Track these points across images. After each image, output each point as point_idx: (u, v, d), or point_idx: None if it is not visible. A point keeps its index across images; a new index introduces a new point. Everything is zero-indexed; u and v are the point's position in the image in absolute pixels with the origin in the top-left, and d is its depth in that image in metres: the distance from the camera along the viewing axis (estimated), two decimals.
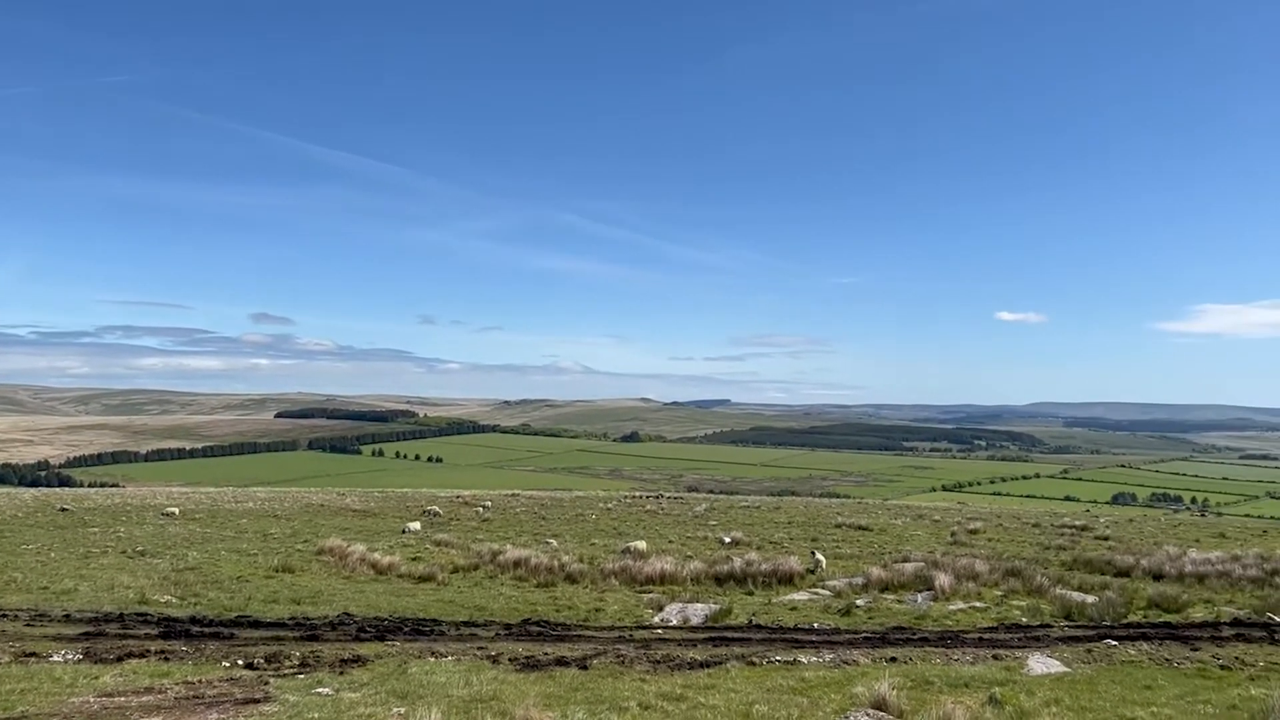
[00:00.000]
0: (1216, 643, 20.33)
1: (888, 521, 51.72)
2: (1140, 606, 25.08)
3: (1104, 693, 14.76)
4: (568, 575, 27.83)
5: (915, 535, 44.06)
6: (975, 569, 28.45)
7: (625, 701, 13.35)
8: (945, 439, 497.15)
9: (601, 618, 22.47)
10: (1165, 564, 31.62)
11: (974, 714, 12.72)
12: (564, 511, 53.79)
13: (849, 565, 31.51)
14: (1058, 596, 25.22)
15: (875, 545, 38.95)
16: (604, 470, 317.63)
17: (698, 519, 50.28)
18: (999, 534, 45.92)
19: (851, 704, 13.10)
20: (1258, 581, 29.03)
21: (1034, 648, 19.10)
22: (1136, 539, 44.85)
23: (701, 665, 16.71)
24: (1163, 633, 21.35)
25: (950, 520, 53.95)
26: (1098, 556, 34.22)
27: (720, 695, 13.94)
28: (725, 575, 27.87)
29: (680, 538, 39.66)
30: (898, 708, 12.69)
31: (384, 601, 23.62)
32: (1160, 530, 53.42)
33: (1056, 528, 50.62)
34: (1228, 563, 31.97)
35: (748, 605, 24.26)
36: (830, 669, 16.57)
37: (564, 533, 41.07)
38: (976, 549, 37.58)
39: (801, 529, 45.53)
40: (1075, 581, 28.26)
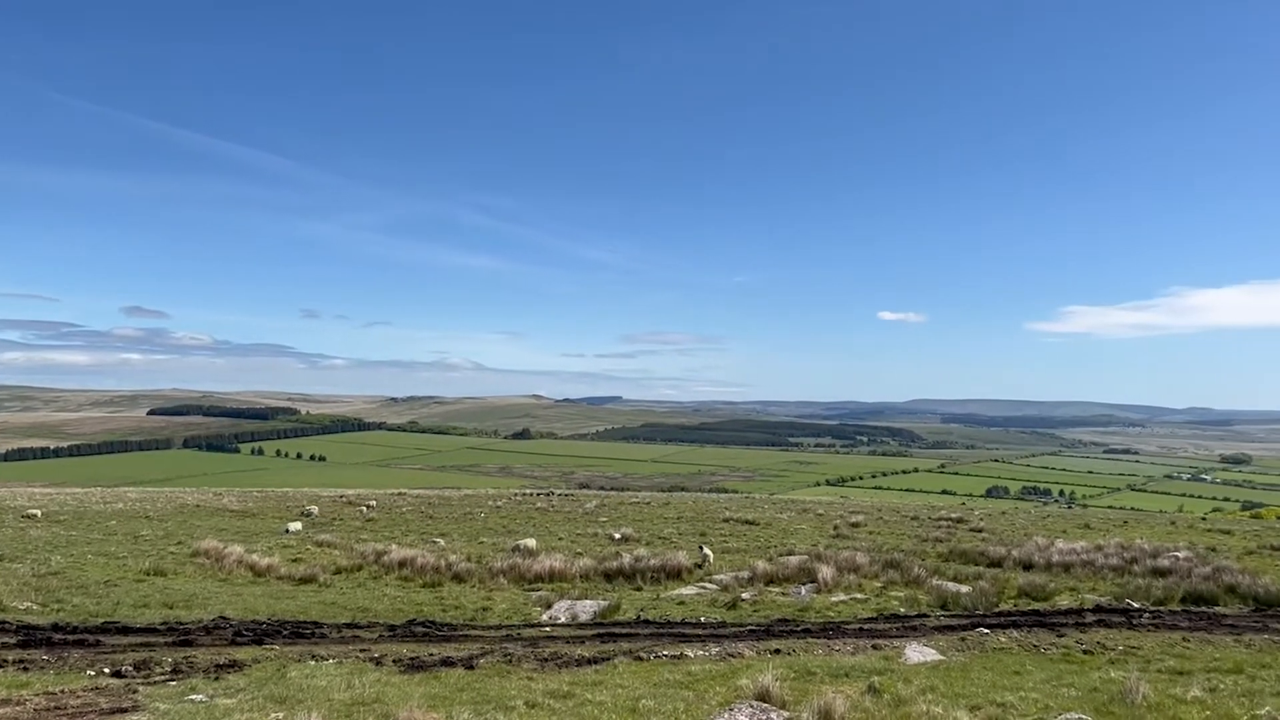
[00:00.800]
0: (1080, 629, 21.37)
1: (773, 516, 52.66)
2: (1011, 595, 26.19)
3: (976, 679, 15.35)
4: (455, 575, 27.48)
5: (800, 529, 44.98)
6: (856, 561, 29.23)
7: (512, 701, 13.26)
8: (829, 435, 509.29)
9: (489, 617, 22.28)
10: (1034, 554, 33.08)
11: (854, 703, 13.06)
12: (452, 510, 53.08)
13: (736, 559, 31.97)
14: (934, 587, 26.14)
15: (761, 539, 39.61)
16: (494, 468, 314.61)
17: (588, 516, 50.29)
18: (879, 527, 47.25)
19: (736, 696, 13.30)
20: (1118, 570, 30.64)
21: (911, 637, 19.73)
22: (1008, 531, 46.76)
23: (589, 662, 16.72)
24: (1031, 620, 22.35)
25: (833, 514, 55.27)
26: (972, 548, 35.55)
27: (608, 691, 13.97)
28: (615, 571, 27.96)
29: (570, 535, 39.61)
30: (780, 699, 12.95)
31: (263, 604, 22.90)
32: (1030, 522, 55.85)
33: (934, 520, 52.40)
34: (1091, 552, 33.64)
35: (636, 601, 24.39)
36: (716, 662, 16.78)
37: (452, 532, 40.54)
38: (858, 542, 38.60)
39: (690, 524, 45.98)
40: (951, 572, 29.34)
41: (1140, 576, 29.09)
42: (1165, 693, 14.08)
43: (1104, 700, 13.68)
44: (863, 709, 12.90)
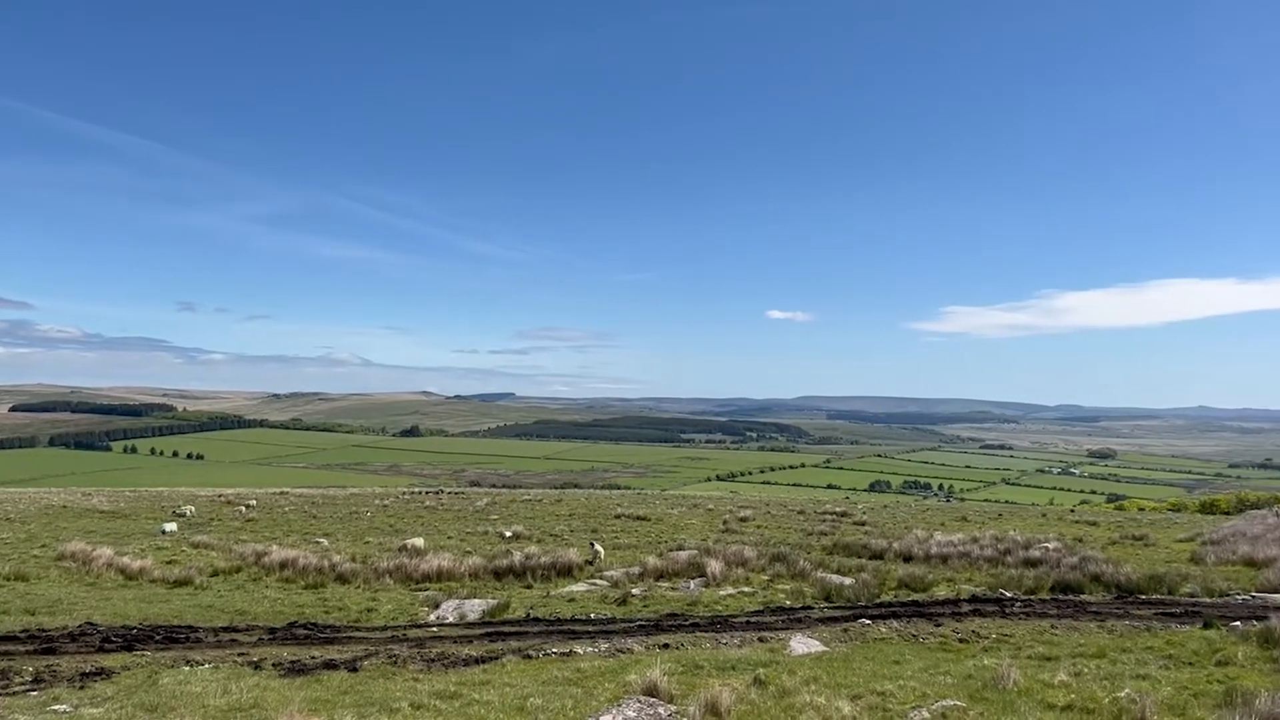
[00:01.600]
0: (957, 618, 22.16)
1: (665, 511, 53.06)
2: (892, 587, 26.98)
3: (858, 669, 15.76)
4: (339, 575, 26.84)
5: (690, 524, 45.43)
6: (744, 555, 29.66)
7: (397, 702, 13.03)
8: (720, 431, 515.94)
9: (374, 618, 21.82)
10: (914, 546, 34.17)
11: (740, 695, 13.24)
12: (337, 510, 51.84)
13: (627, 555, 32.10)
14: (819, 580, 26.73)
15: (652, 535, 39.86)
16: (381, 466, 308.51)
17: (478, 514, 49.78)
18: (767, 521, 48.08)
19: (625, 692, 13.35)
20: (993, 561, 31.89)
21: (797, 629, 20.14)
22: (890, 524, 48.18)
23: (477, 661, 16.55)
24: (911, 610, 23.07)
25: (723, 509, 56.01)
26: (855, 541, 36.50)
27: (495, 691, 13.85)
28: (505, 570, 27.73)
29: (460, 533, 39.14)
30: (668, 693, 13.05)
31: (134, 609, 21.93)
32: (911, 515, 57.67)
33: (819, 514, 53.59)
34: (968, 544, 34.92)
35: (526, 599, 24.24)
36: (605, 658, 16.82)
37: (336, 531, 39.60)
38: (746, 536, 39.21)
39: (582, 521, 45.97)
40: (835, 565, 30.05)
41: (1013, 567, 30.34)
42: (1034, 678, 14.70)
43: (978, 687, 14.20)
44: (748, 701, 13.09)
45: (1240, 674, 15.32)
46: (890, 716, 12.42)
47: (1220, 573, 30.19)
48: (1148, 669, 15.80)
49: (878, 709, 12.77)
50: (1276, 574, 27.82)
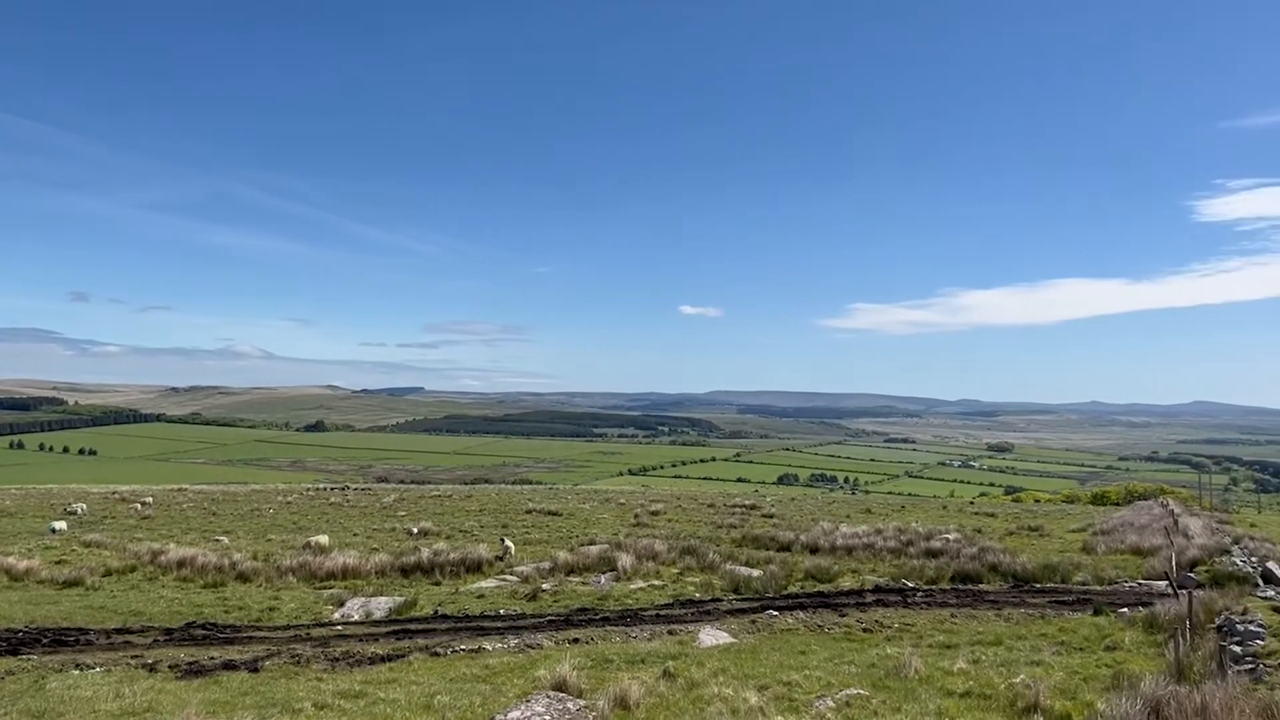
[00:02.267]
0: (861, 608, 22.65)
1: (577, 506, 53.03)
2: (799, 578, 27.43)
3: (765, 659, 15.98)
4: (240, 574, 26.11)
5: (602, 519, 45.48)
6: (655, 549, 29.82)
7: (299, 703, 12.72)
8: (633, 425, 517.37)
9: (277, 617, 21.28)
10: (821, 538, 34.81)
11: (649, 688, 13.29)
12: (238, 506, 50.46)
13: (538, 550, 31.95)
14: (728, 572, 27.02)
15: (564, 530, 39.78)
16: (285, 462, 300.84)
17: (386, 510, 49.01)
18: (678, 515, 48.44)
19: (533, 687, 13.28)
20: (896, 552, 32.69)
21: (706, 621, 20.33)
22: (797, 516, 48.99)
23: (383, 659, 16.29)
24: (817, 601, 23.50)
25: (634, 503, 56.24)
26: (764, 533, 37.02)
27: (402, 689, 13.64)
28: (412, 566, 27.34)
29: (366, 530, 38.46)
30: (577, 688, 13.02)
31: (20, 610, 20.98)
32: (818, 508, 58.74)
33: (729, 507, 54.23)
34: (872, 536, 35.73)
35: (434, 595, 23.94)
36: (514, 654, 16.72)
37: (237, 529, 38.53)
38: (657, 530, 39.42)
39: (493, 516, 45.63)
40: (744, 557, 30.42)
41: (915, 558, 31.16)
42: (935, 665, 15.09)
43: (881, 675, 14.52)
44: (657, 694, 13.15)
45: (1127, 658, 15.99)
46: (796, 706, 12.60)
47: (1110, 561, 31.48)
48: (1042, 655, 16.37)
49: (784, 699, 12.95)
50: (1161, 562, 29.10)
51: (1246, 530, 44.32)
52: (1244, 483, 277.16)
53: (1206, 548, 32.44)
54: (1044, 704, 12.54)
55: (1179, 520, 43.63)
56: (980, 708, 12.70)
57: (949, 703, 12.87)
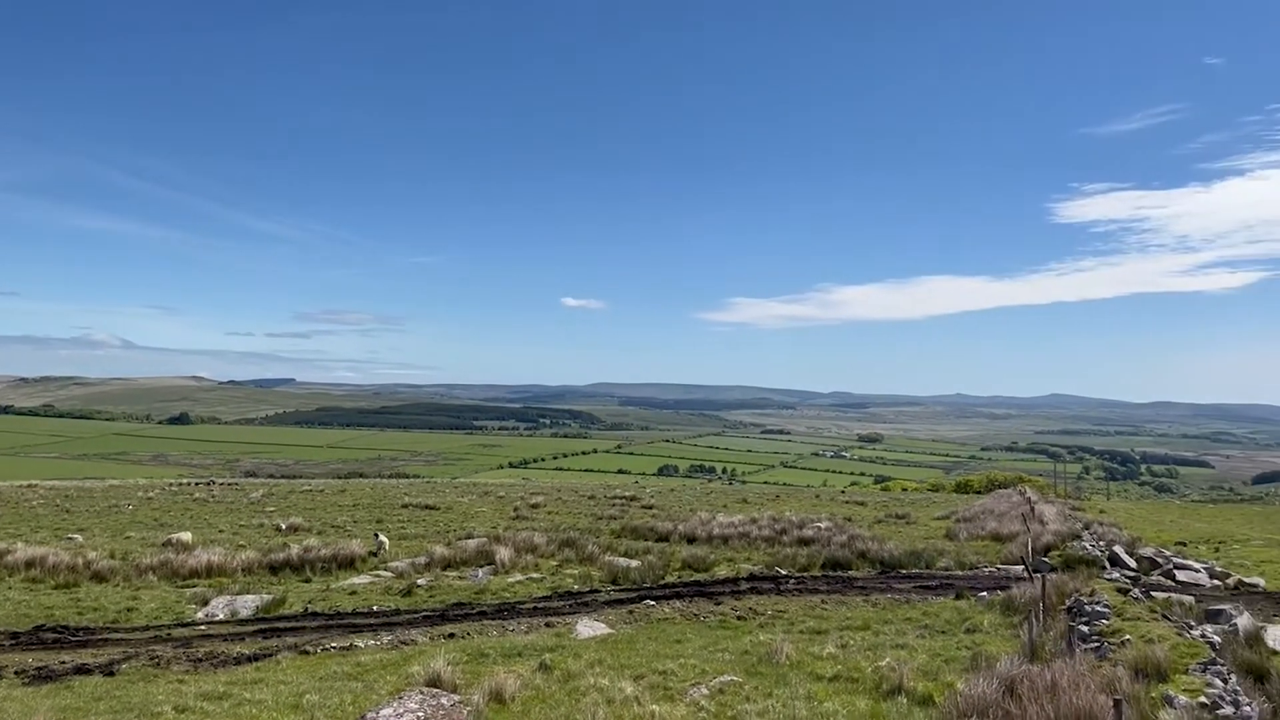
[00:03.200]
0: (736, 596, 23.08)
1: (455, 500, 52.39)
2: (676, 568, 27.75)
3: (641, 649, 16.13)
4: (95, 573, 24.80)
5: (481, 512, 45.05)
6: (534, 541, 29.71)
7: (159, 706, 12.22)
8: (513, 418, 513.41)
9: (135, 617, 20.32)
10: (698, 528, 35.29)
11: (525, 681, 13.25)
12: (94, 503, 48.00)
13: (414, 545, 31.43)
14: (607, 563, 27.14)
15: (441, 524, 39.24)
16: (147, 456, 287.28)
17: (254, 506, 47.40)
18: (559, 507, 48.38)
19: (407, 684, 13.07)
20: (770, 540, 33.41)
21: (583, 613, 20.37)
22: (676, 507, 49.56)
23: (250, 659, 15.77)
24: (693, 590, 23.83)
25: (514, 496, 55.92)
26: (643, 524, 37.31)
27: (269, 689, 13.23)
28: (281, 563, 26.50)
29: (233, 526, 37.12)
30: (452, 683, 12.88)
31: None
32: (696, 498, 59.56)
33: (609, 499, 54.46)
34: (748, 525, 36.41)
35: (305, 593, 23.27)
36: (388, 651, 16.42)
37: (93, 527, 36.63)
38: (537, 523, 39.29)
39: (367, 511, 44.67)
40: (623, 548, 30.59)
41: (789, 546, 31.91)
42: (805, 651, 15.51)
43: (754, 661, 14.84)
44: (534, 686, 13.13)
45: (986, 640, 16.76)
46: (671, 695, 12.76)
47: (972, 547, 32.92)
48: (906, 638, 17.01)
49: (659, 688, 13.09)
50: (1019, 547, 30.59)
51: (1096, 516, 46.98)
52: (1095, 471, 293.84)
53: (1060, 533, 34.27)
54: (908, 686, 13.03)
55: (1035, 507, 45.95)
56: (848, 691, 13.11)
57: (818, 687, 13.24)
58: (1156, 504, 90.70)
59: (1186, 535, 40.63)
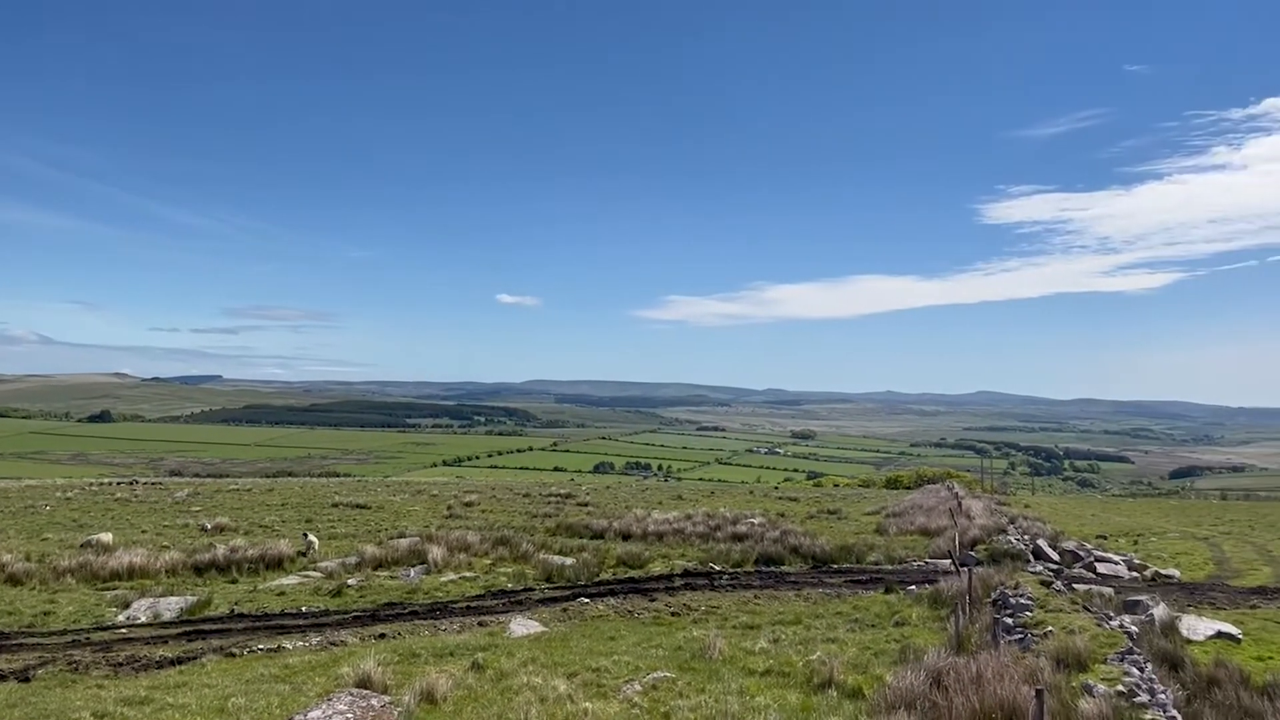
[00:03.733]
0: (670, 592, 23.17)
1: (387, 499, 51.72)
2: (611, 565, 27.77)
3: (575, 647, 16.09)
4: (10, 576, 23.97)
5: (413, 511, 44.55)
6: (468, 540, 29.47)
7: (77, 713, 11.86)
8: (448, 415, 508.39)
9: (52, 621, 19.69)
10: (633, 525, 35.34)
11: (457, 681, 13.14)
12: (10, 504, 46.38)
13: (344, 545, 30.97)
14: (541, 561, 27.03)
15: (373, 523, 38.71)
16: (65, 455, 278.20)
17: (179, 506, 46.24)
18: (493, 505, 48.04)
19: (336, 685, 12.87)
20: (704, 536, 33.61)
21: (517, 611, 20.28)
22: (612, 504, 49.57)
23: (173, 663, 15.41)
24: (627, 587, 23.87)
25: (448, 494, 55.39)
26: (578, 522, 37.24)
27: (193, 692, 12.93)
28: (207, 564, 25.90)
29: (156, 527, 36.16)
30: (382, 683, 12.71)
31: None
32: (632, 495, 59.66)
33: (544, 497, 54.23)
34: (682, 521, 36.58)
35: (231, 594, 22.78)
36: (317, 652, 16.16)
37: (8, 528, 35.39)
38: (471, 521, 38.97)
39: (296, 510, 43.86)
40: (557, 546, 30.51)
41: (722, 542, 32.14)
42: (738, 646, 15.64)
43: (687, 657, 14.91)
44: (466, 686, 13.02)
45: (914, 633, 17.06)
46: (604, 692, 12.76)
47: (901, 542, 33.49)
48: (837, 632, 17.25)
49: (592, 685, 13.08)
50: (946, 541, 31.19)
51: (1021, 511, 48.11)
52: (1021, 466, 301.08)
53: (986, 527, 35.03)
54: (838, 679, 13.21)
55: (963, 502, 46.92)
56: (779, 685, 13.24)
57: (750, 681, 13.35)
58: (1079, 498, 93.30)
59: (1107, 529, 41.86)
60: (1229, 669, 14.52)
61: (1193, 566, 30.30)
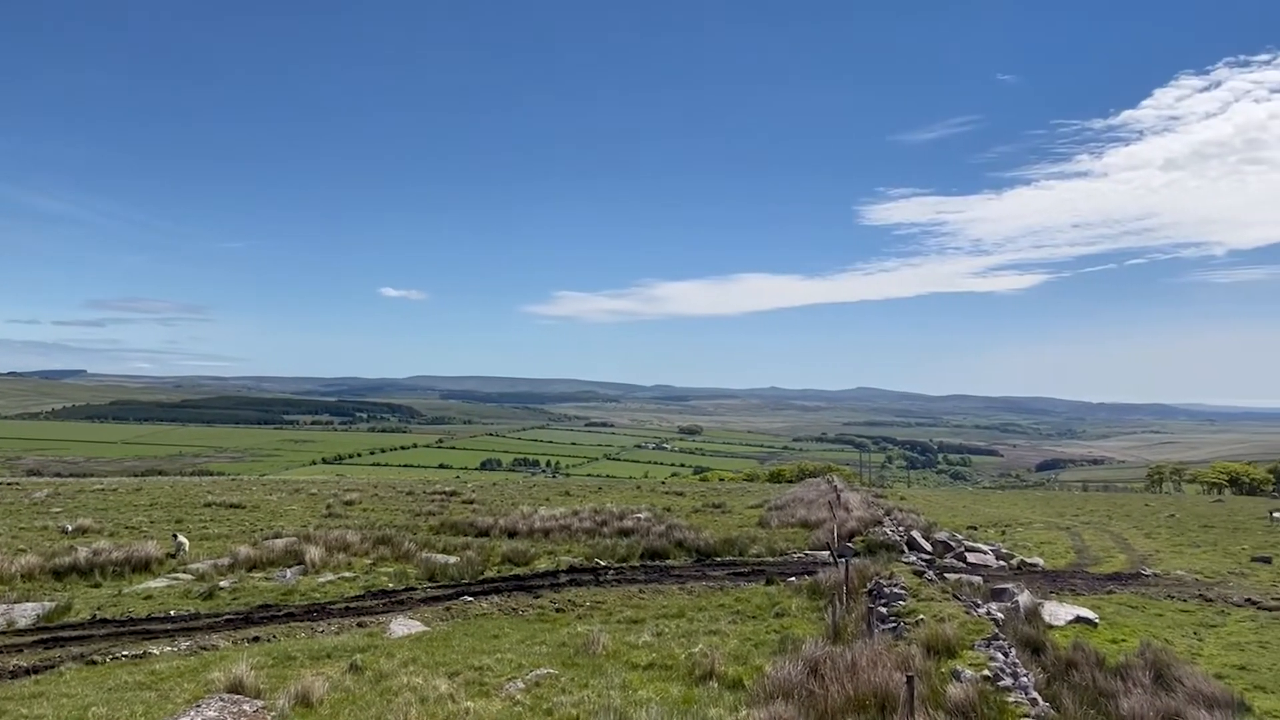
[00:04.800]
0: (555, 589, 23.12)
1: (263, 498, 50.09)
2: (496, 562, 27.52)
3: (458, 646, 15.90)
4: None
5: (291, 510, 43.27)
6: (347, 540, 28.80)
7: None
8: (328, 412, 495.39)
9: None
10: (519, 522, 35.12)
11: (335, 683, 12.83)
12: None
13: (217, 546, 29.86)
14: (423, 560, 26.60)
15: (248, 523, 37.44)
16: None
17: (37, 506, 43.81)
18: (375, 504, 47.06)
19: (206, 691, 12.40)
20: (591, 532, 33.64)
21: (398, 611, 19.92)
22: (498, 501, 49.14)
23: (28, 672, 14.62)
24: (512, 584, 23.72)
25: (327, 493, 53.99)
26: (463, 519, 36.80)
27: (49, 703, 12.27)
28: (67, 568, 24.60)
29: (12, 529, 34.16)
30: (256, 688, 12.31)
31: None
32: (519, 492, 59.24)
33: (429, 494, 53.39)
34: (569, 517, 36.54)
35: (94, 599, 21.70)
36: (186, 657, 15.55)
37: None
38: (351, 520, 38.08)
39: (166, 511, 42.06)
40: (441, 544, 30.08)
41: (609, 537, 32.23)
42: (622, 640, 15.71)
43: (571, 653, 14.90)
44: (343, 688, 12.72)
45: (793, 624, 17.45)
46: (486, 690, 12.65)
47: (782, 534, 34.19)
48: (719, 624, 17.50)
49: (475, 684, 12.95)
50: (826, 533, 32.00)
51: (898, 503, 49.76)
52: (897, 460, 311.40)
53: (864, 520, 36.07)
54: (719, 671, 13.40)
55: (842, 495, 48.19)
56: (662, 678, 13.36)
57: (634, 675, 13.43)
58: (952, 491, 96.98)
59: (977, 520, 43.63)
60: (1086, 652, 15.32)
61: (1055, 555, 31.84)
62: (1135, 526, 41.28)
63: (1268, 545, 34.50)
